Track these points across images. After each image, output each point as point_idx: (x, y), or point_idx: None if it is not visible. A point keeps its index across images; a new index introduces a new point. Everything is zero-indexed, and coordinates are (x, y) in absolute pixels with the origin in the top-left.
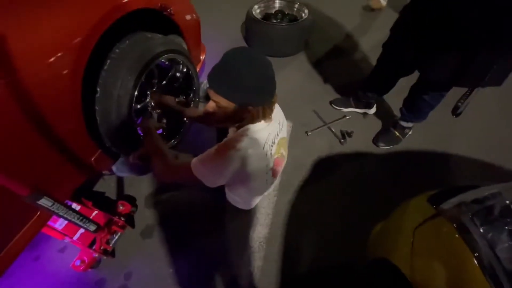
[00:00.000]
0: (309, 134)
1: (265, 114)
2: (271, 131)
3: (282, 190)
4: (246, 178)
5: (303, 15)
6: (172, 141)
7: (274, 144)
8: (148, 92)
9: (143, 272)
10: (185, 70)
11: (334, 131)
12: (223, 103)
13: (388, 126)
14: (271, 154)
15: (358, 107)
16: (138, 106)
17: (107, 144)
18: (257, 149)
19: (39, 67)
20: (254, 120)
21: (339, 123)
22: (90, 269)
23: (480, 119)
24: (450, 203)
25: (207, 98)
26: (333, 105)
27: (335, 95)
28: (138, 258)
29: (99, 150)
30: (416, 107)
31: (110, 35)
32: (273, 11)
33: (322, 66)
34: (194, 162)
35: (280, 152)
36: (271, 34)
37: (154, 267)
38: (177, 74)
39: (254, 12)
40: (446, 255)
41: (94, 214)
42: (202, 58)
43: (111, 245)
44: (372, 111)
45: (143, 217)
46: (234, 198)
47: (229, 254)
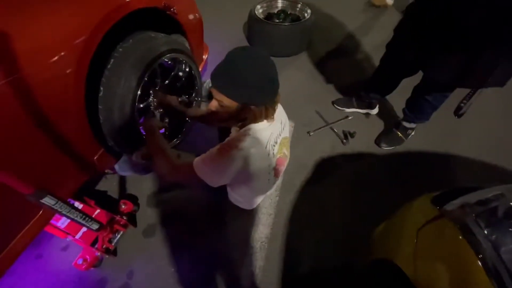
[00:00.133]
0: (311, 134)
1: (267, 114)
2: (273, 131)
3: (284, 190)
4: (249, 178)
5: (306, 15)
6: (174, 140)
7: (277, 143)
8: (151, 92)
9: (145, 271)
10: (187, 70)
11: (336, 131)
12: (226, 102)
13: (391, 126)
14: (273, 153)
15: (360, 108)
16: (141, 106)
17: (109, 143)
18: (259, 148)
19: (43, 65)
20: (257, 119)
21: (341, 124)
22: (92, 267)
23: (482, 120)
24: (454, 204)
25: (209, 98)
26: (335, 105)
27: (338, 95)
28: (140, 257)
29: (102, 149)
30: (419, 108)
31: (114, 34)
32: (275, 10)
33: (324, 66)
34: (196, 161)
35: (282, 152)
36: (274, 34)
37: (156, 266)
38: (179, 73)
39: (256, 11)
40: (449, 256)
41: (96, 213)
42: (205, 57)
43: (113, 244)
44: (375, 111)
45: (145, 216)
46: (236, 197)
47: (230, 254)
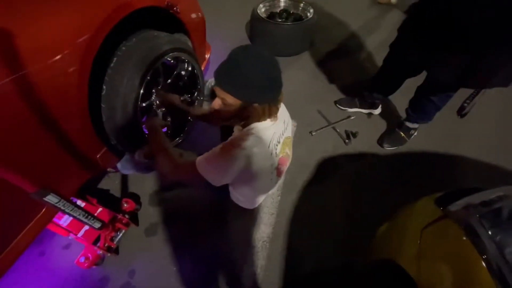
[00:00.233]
0: (313, 134)
1: (270, 113)
2: (276, 130)
3: (286, 190)
4: (251, 177)
5: (308, 14)
6: (177, 139)
7: (279, 143)
8: (154, 90)
9: (147, 269)
10: (190, 69)
11: (338, 131)
12: (229, 100)
13: (393, 126)
14: (276, 153)
15: (363, 107)
16: (143, 104)
17: (112, 142)
18: (262, 148)
19: (46, 64)
20: (260, 118)
21: (344, 123)
22: (94, 266)
23: (485, 120)
24: (458, 205)
25: (211, 97)
26: (337, 105)
27: (340, 95)
28: (141, 256)
29: (104, 147)
30: (422, 108)
31: (117, 32)
32: (278, 10)
33: (327, 65)
34: (199, 160)
35: (285, 151)
36: (276, 33)
37: (157, 265)
38: (182, 72)
39: (259, 11)
40: (453, 257)
41: (98, 211)
42: (207, 57)
43: (115, 242)
44: (377, 111)
45: (147, 215)
46: (238, 197)
47: (232, 253)
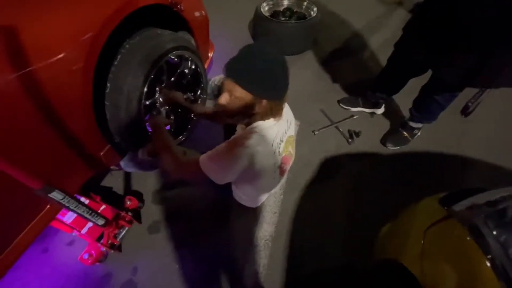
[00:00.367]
0: (316, 133)
1: (276, 111)
2: (279, 129)
3: (289, 189)
4: (254, 176)
5: (312, 13)
6: (180, 137)
7: (283, 142)
8: (157, 89)
9: (150, 267)
10: (193, 67)
11: (341, 130)
12: (239, 93)
13: (397, 126)
14: (279, 152)
15: (366, 107)
16: (147, 102)
17: (116, 140)
18: (265, 146)
19: (51, 61)
20: (265, 116)
21: (347, 123)
22: (97, 262)
23: (489, 120)
24: (462, 205)
25: (214, 96)
26: (341, 104)
27: (343, 94)
28: (144, 253)
29: (108, 145)
30: (426, 108)
31: (121, 30)
32: (281, 8)
33: (330, 64)
34: (202, 158)
35: (288, 150)
36: (279, 32)
37: (160, 263)
38: (185, 70)
39: (262, 9)
40: (457, 257)
41: (102, 209)
42: (210, 55)
43: (118, 239)
44: (381, 111)
45: (150, 212)
46: (241, 196)
47: (235, 251)
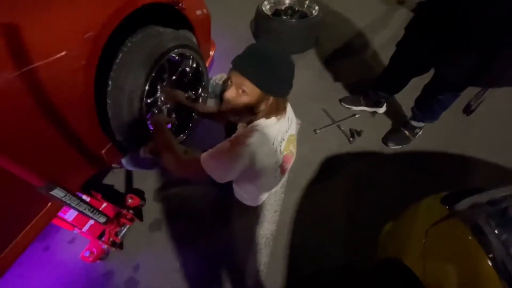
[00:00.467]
0: (317, 132)
1: (282, 108)
2: (280, 127)
3: (290, 188)
4: (255, 174)
5: (314, 11)
6: (181, 136)
7: (284, 140)
8: (159, 87)
9: (151, 265)
10: (195, 66)
11: (343, 129)
12: (248, 88)
13: (398, 125)
14: (280, 150)
15: (368, 106)
16: (148, 101)
17: (117, 138)
18: (267, 144)
19: (53, 59)
20: (269, 113)
21: (348, 122)
22: (98, 260)
23: (491, 120)
24: (464, 204)
25: (215, 95)
26: (342, 103)
27: (345, 93)
28: (146, 251)
29: (110, 143)
30: (428, 107)
31: (123, 28)
32: (283, 7)
33: (331, 63)
34: (204, 156)
35: (289, 149)
36: (281, 31)
37: (161, 260)
38: (187, 69)
39: (264, 8)
40: (459, 256)
41: (103, 207)
42: (212, 54)
43: (119, 237)
44: (382, 110)
45: (152, 211)
46: (242, 194)
47: (236, 250)
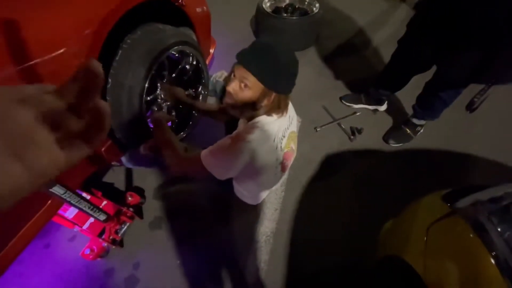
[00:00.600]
0: (318, 130)
1: (284, 105)
2: (281, 124)
3: (290, 186)
4: (256, 171)
5: (314, 9)
6: (181, 133)
7: (285, 137)
8: (158, 84)
9: (151, 262)
10: (194, 63)
11: (343, 127)
12: (251, 83)
13: (399, 123)
14: (281, 147)
15: (368, 104)
16: (148, 98)
17: (117, 135)
18: (267, 141)
19: (52, 56)
20: (271, 110)
21: (349, 120)
22: (98, 258)
23: (493, 117)
24: (466, 202)
25: (215, 92)
26: (343, 101)
27: (346, 91)
28: (146, 249)
29: (109, 141)
30: (430, 104)
31: (122, 25)
32: (283, 4)
33: (332, 61)
34: (204, 153)
35: (290, 146)
36: (281, 28)
37: (162, 258)
38: (186, 66)
39: (264, 5)
40: (460, 253)
41: (103, 204)
42: (212, 51)
43: (119, 235)
44: (383, 108)
45: (152, 208)
46: (242, 192)
47: (236, 248)
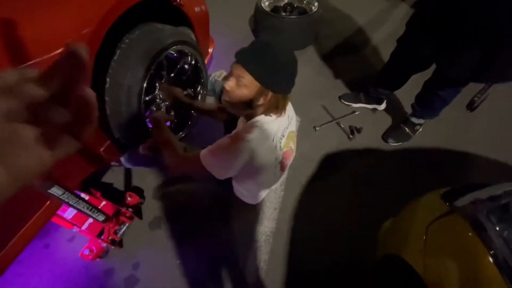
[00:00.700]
0: (317, 129)
1: (282, 105)
2: (280, 124)
3: (289, 185)
4: (255, 171)
5: (313, 8)
6: (180, 133)
7: (284, 137)
8: (157, 84)
9: (151, 262)
10: (193, 63)
11: (342, 126)
12: (247, 81)
13: (398, 122)
14: (280, 147)
15: (368, 103)
16: (147, 98)
17: (116, 136)
18: (267, 141)
19: (49, 56)
20: (269, 110)
21: (348, 119)
22: (98, 258)
23: (492, 116)
24: (465, 200)
25: (214, 92)
26: (342, 100)
27: (345, 90)
28: (145, 249)
29: (108, 141)
30: (429, 103)
31: (120, 25)
32: (282, 3)
33: (331, 60)
34: (203, 153)
35: (289, 146)
36: (280, 27)
37: (161, 258)
38: (185, 66)
39: (263, 4)
40: (460, 252)
41: (102, 205)
42: (210, 51)
43: (119, 235)
44: (382, 107)
45: (151, 208)
46: (242, 191)
47: (235, 247)
